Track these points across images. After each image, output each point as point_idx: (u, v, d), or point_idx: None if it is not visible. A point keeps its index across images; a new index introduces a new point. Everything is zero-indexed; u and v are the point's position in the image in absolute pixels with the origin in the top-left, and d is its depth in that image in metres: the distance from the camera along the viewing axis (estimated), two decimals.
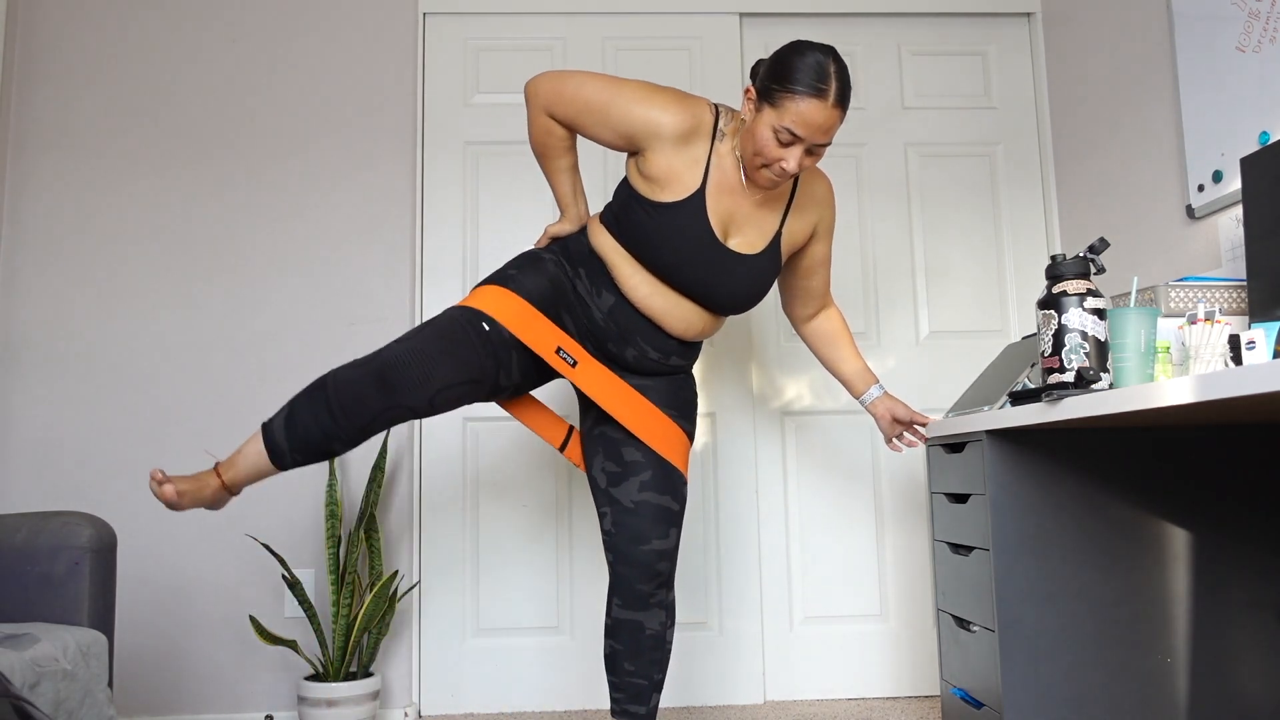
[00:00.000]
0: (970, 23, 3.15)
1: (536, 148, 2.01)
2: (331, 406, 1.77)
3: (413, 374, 1.76)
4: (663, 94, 1.91)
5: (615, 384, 1.98)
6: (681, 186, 1.89)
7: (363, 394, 1.76)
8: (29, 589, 1.87)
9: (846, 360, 2.21)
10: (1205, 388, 1.31)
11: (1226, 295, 1.94)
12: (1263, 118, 2.12)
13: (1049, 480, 1.95)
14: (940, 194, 3.09)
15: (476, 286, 1.96)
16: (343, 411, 1.77)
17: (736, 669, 2.87)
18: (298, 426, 1.79)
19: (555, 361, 1.91)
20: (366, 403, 1.76)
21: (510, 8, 3.04)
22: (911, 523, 2.96)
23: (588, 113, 1.91)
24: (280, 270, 2.92)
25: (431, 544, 2.87)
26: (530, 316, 1.90)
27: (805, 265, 2.12)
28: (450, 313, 1.87)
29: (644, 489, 1.97)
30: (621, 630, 2.00)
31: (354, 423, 1.77)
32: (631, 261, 1.94)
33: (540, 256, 2.00)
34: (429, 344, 1.80)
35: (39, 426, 2.82)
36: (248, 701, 2.76)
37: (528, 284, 1.93)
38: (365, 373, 1.78)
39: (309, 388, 1.82)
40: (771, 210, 1.98)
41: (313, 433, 1.79)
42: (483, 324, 1.85)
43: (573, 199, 2.06)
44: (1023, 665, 1.91)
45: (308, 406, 1.80)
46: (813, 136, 1.78)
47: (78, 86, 2.94)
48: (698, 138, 1.90)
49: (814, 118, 1.76)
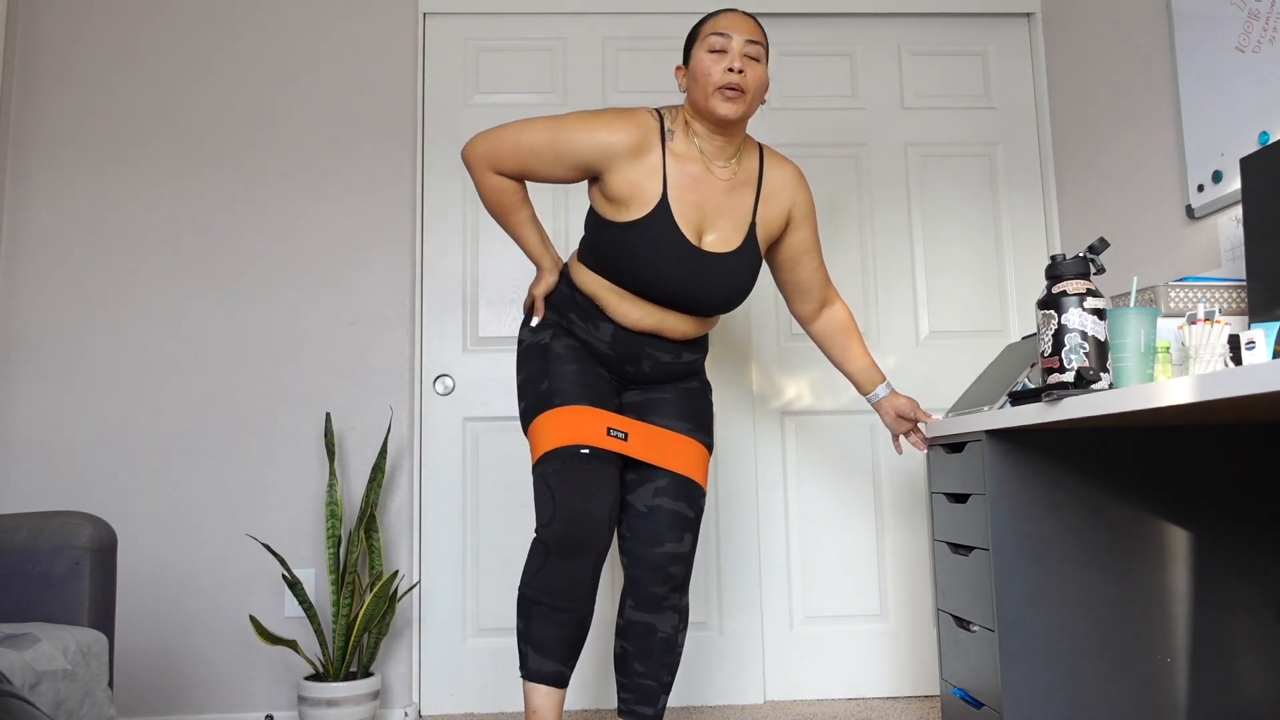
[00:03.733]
0: (970, 23, 3.15)
1: (493, 209, 2.01)
2: (555, 607, 1.87)
3: (585, 530, 1.86)
4: (603, 116, 1.93)
5: (651, 435, 2.01)
6: (645, 199, 1.91)
7: (566, 577, 1.86)
8: (29, 589, 1.87)
9: (852, 358, 2.21)
10: (1205, 388, 1.31)
11: (1226, 295, 1.94)
12: (1263, 118, 2.12)
13: (1049, 480, 1.96)
14: (940, 194, 3.09)
15: (526, 424, 1.99)
16: (566, 602, 1.87)
17: (736, 669, 2.87)
18: (548, 642, 1.89)
19: (611, 444, 1.94)
20: (576, 579, 1.87)
21: (510, 8, 3.04)
22: (911, 523, 2.96)
23: (534, 158, 1.93)
24: (279, 269, 2.92)
25: (431, 544, 2.87)
26: (581, 417, 1.93)
27: (788, 255, 2.11)
28: (549, 468, 1.91)
29: (659, 494, 2.00)
30: (633, 631, 2.01)
31: (577, 601, 1.88)
32: (616, 290, 1.97)
33: (543, 344, 2.02)
34: (571, 500, 1.87)
35: (40, 426, 2.82)
36: (248, 701, 2.77)
37: (564, 387, 1.96)
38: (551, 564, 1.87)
39: (521, 616, 1.91)
40: (741, 198, 1.99)
41: (563, 634, 1.89)
42: (581, 450, 1.90)
43: (543, 248, 2.06)
44: (1023, 665, 1.92)
45: (538, 627, 1.89)
46: (738, 31, 1.91)
47: (77, 87, 2.94)
48: (648, 147, 1.93)
49: (730, 18, 1.93)
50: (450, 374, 2.92)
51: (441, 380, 2.91)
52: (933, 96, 3.12)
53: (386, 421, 2.87)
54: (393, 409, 2.88)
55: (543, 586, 1.87)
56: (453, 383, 2.91)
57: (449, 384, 2.91)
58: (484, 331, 2.95)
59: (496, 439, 2.91)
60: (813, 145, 3.07)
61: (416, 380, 2.91)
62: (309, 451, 2.85)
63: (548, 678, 1.89)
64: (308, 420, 2.86)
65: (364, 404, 2.88)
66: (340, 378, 2.89)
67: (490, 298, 2.96)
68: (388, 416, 2.87)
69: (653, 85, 3.03)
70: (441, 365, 2.92)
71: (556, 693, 1.91)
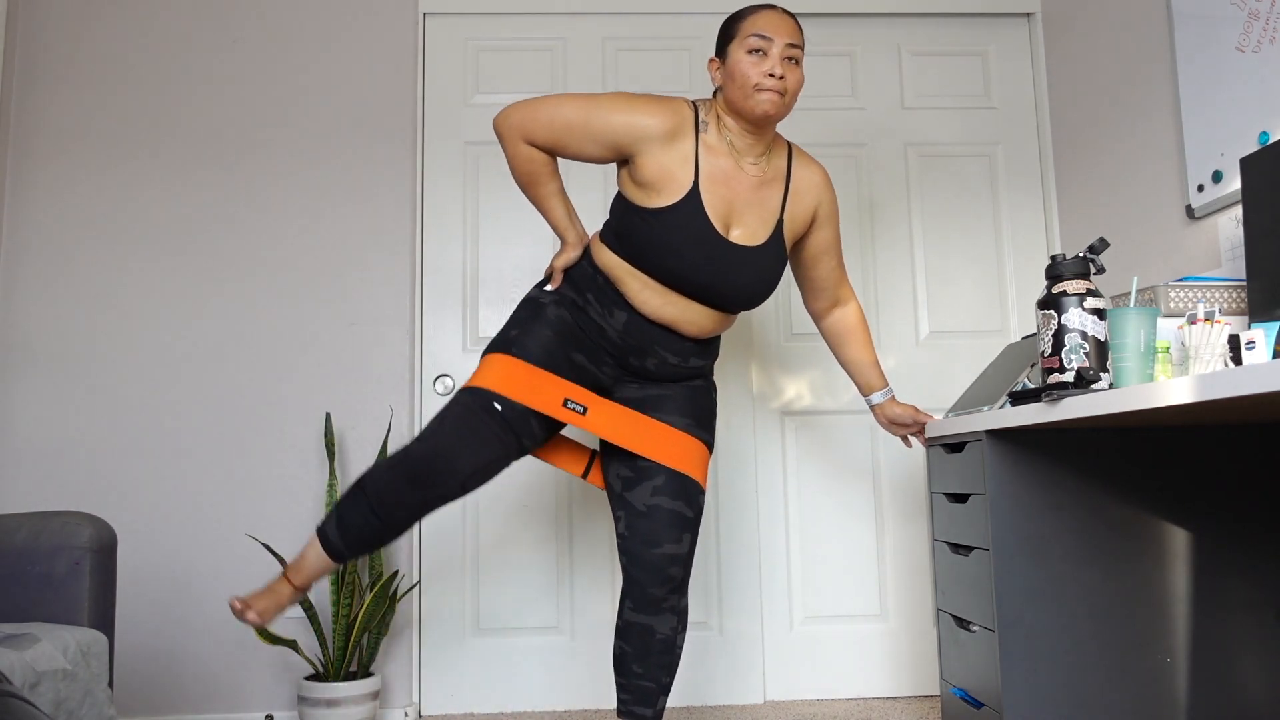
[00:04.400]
0: (970, 23, 3.15)
1: (521, 178, 2.02)
2: (374, 508, 1.91)
3: (440, 468, 1.88)
4: (640, 99, 1.95)
5: (625, 417, 2.00)
6: (676, 186, 1.91)
7: (399, 494, 1.89)
8: (29, 589, 1.87)
9: (857, 359, 2.23)
10: (1205, 388, 1.31)
11: (1226, 295, 1.94)
12: (1263, 118, 2.12)
13: (1049, 480, 1.96)
14: (940, 194, 3.09)
15: (484, 354, 2.00)
16: (385, 511, 1.91)
17: (736, 669, 2.87)
18: (349, 529, 1.94)
19: (565, 415, 1.95)
20: (404, 501, 1.90)
21: (510, 8, 3.04)
22: (911, 523, 2.96)
23: (568, 132, 1.94)
24: (279, 269, 2.92)
25: (431, 544, 2.87)
26: (535, 379, 1.94)
27: (810, 254, 2.13)
28: (462, 399, 1.93)
29: (657, 493, 1.99)
30: (632, 632, 2.01)
31: (396, 519, 1.92)
32: (639, 276, 1.96)
33: (540, 303, 2.02)
34: (449, 438, 1.89)
35: (40, 427, 2.82)
36: (248, 701, 2.77)
37: (530, 344, 1.96)
38: (397, 475, 1.90)
39: (349, 491, 1.97)
40: (770, 194, 1.99)
41: (364, 533, 1.94)
42: (494, 404, 1.90)
43: (569, 222, 2.06)
44: (1023, 665, 1.91)
45: (353, 510, 1.94)
46: (780, 34, 1.90)
47: (77, 88, 2.94)
48: (683, 135, 1.93)
49: (772, 18, 1.92)
50: (450, 374, 2.92)
51: (441, 380, 2.91)
52: (933, 96, 3.12)
53: (386, 421, 2.87)
54: (393, 409, 2.88)
55: (377, 487, 1.91)
56: (453, 383, 2.91)
57: (449, 384, 2.91)
58: (484, 331, 2.95)
59: None
60: (813, 145, 3.07)
61: (416, 380, 2.91)
62: (309, 451, 2.85)
63: (332, 549, 1.96)
64: (308, 420, 2.86)
65: (364, 404, 2.88)
66: (340, 378, 2.89)
67: (490, 298, 2.96)
68: (388, 416, 2.87)
69: (653, 85, 3.03)
70: (441, 365, 2.92)
71: (329, 561, 1.98)
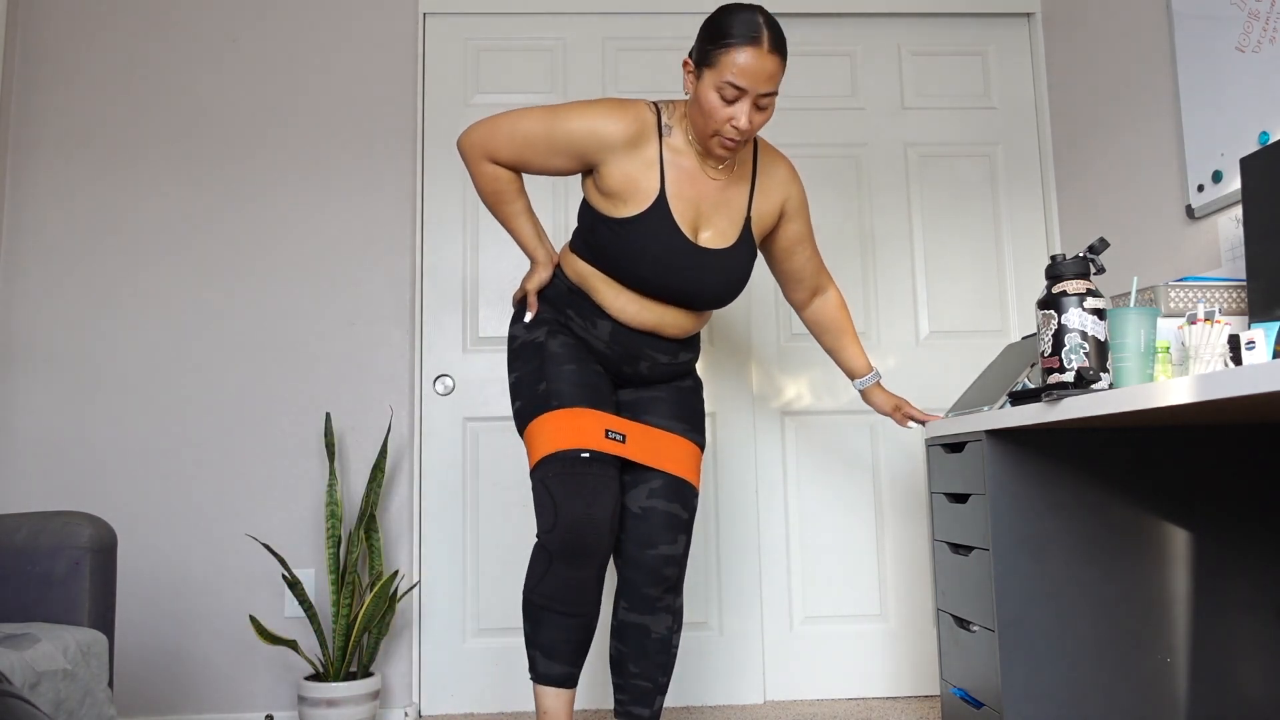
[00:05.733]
0: (970, 23, 3.15)
1: (488, 198, 2.01)
2: (566, 613, 1.88)
3: (586, 533, 1.85)
4: (599, 105, 1.91)
5: (647, 435, 2.00)
6: (642, 195, 1.89)
7: (570, 582, 1.86)
8: (29, 589, 1.87)
9: (840, 349, 2.24)
10: (1205, 388, 1.31)
11: (1226, 295, 1.94)
12: (1263, 118, 2.12)
13: (1049, 480, 1.96)
14: (940, 194, 3.09)
15: (522, 425, 1.97)
16: (576, 606, 1.88)
17: (736, 669, 2.87)
18: (555, 647, 1.89)
19: (610, 446, 1.93)
20: (578, 583, 1.87)
21: (510, 8, 3.04)
22: (911, 523, 2.96)
23: (529, 147, 1.91)
24: (279, 269, 2.92)
25: (431, 544, 2.87)
26: (581, 419, 1.92)
27: (782, 246, 2.12)
28: (552, 469, 1.88)
29: (653, 496, 2.00)
30: (628, 633, 2.01)
31: (586, 602, 1.89)
32: (612, 284, 1.95)
33: (538, 343, 2.00)
34: (571, 505, 1.86)
35: (39, 426, 2.82)
36: (248, 701, 2.77)
37: (563, 389, 1.94)
38: (556, 570, 1.87)
39: (528, 621, 1.90)
40: (737, 193, 1.98)
41: (572, 638, 1.90)
42: (582, 454, 1.89)
43: (538, 240, 2.05)
44: (1023, 665, 1.91)
45: (549, 632, 1.89)
46: (756, 85, 1.80)
47: (77, 89, 2.94)
48: (645, 140, 1.91)
49: (752, 65, 1.78)
50: (450, 374, 2.92)
51: (441, 380, 2.91)
52: (933, 96, 3.12)
53: (386, 421, 2.87)
54: (393, 409, 2.88)
55: (548, 593, 1.87)
56: (453, 383, 2.91)
57: (449, 384, 2.91)
58: (484, 331, 2.95)
59: (496, 439, 2.91)
60: (813, 145, 3.07)
61: (416, 380, 2.91)
62: (309, 451, 2.85)
63: (557, 680, 1.90)
64: (308, 420, 2.86)
65: (364, 404, 2.88)
66: (340, 378, 2.89)
67: (490, 298, 2.96)
68: (388, 416, 2.87)
69: (653, 85, 3.03)
70: (441, 365, 2.92)
71: (566, 693, 1.92)
